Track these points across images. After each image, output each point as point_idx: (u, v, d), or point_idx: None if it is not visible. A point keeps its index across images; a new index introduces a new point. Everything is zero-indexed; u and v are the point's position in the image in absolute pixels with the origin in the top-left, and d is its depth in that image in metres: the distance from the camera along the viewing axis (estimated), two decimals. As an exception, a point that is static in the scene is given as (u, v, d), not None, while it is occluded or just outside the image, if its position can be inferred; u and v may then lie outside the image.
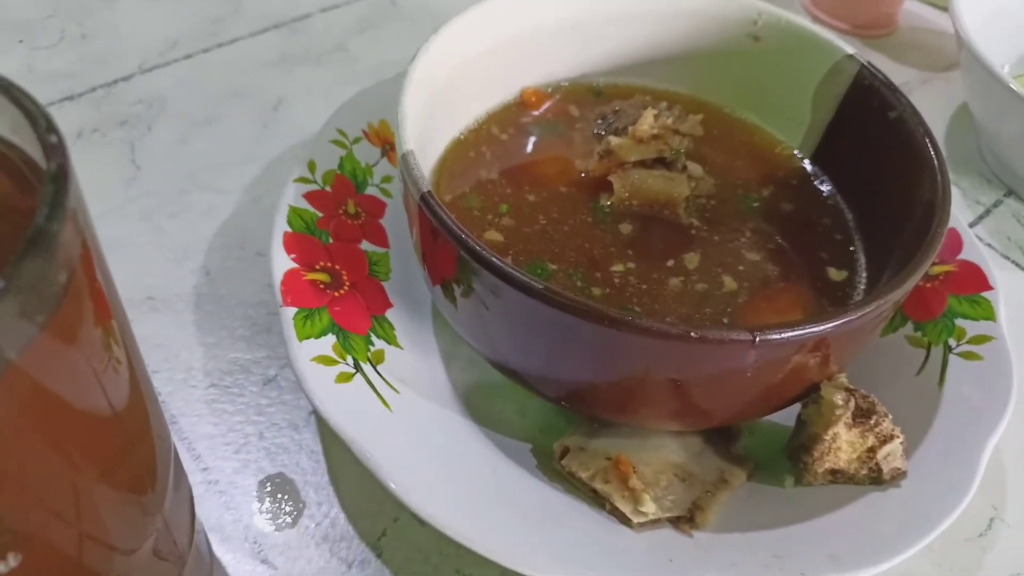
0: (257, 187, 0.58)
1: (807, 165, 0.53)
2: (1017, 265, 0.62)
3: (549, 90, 0.55)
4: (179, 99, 0.64)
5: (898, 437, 0.40)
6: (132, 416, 0.30)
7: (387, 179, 0.52)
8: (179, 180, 0.58)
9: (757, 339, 0.34)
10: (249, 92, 0.65)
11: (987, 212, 0.66)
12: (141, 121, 0.62)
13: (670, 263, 0.46)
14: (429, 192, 0.38)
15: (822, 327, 0.35)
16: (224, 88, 0.65)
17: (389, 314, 0.46)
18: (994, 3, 0.68)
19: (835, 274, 0.47)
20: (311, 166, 0.49)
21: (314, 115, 0.55)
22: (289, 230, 0.46)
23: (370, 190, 0.51)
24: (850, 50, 0.50)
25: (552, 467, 0.42)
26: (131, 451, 0.29)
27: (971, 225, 0.65)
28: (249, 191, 0.58)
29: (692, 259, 0.46)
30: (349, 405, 0.39)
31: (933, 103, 0.74)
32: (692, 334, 0.34)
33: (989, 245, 0.63)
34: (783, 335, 0.35)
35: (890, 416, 0.40)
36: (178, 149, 0.60)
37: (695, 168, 0.51)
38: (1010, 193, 0.68)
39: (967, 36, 0.62)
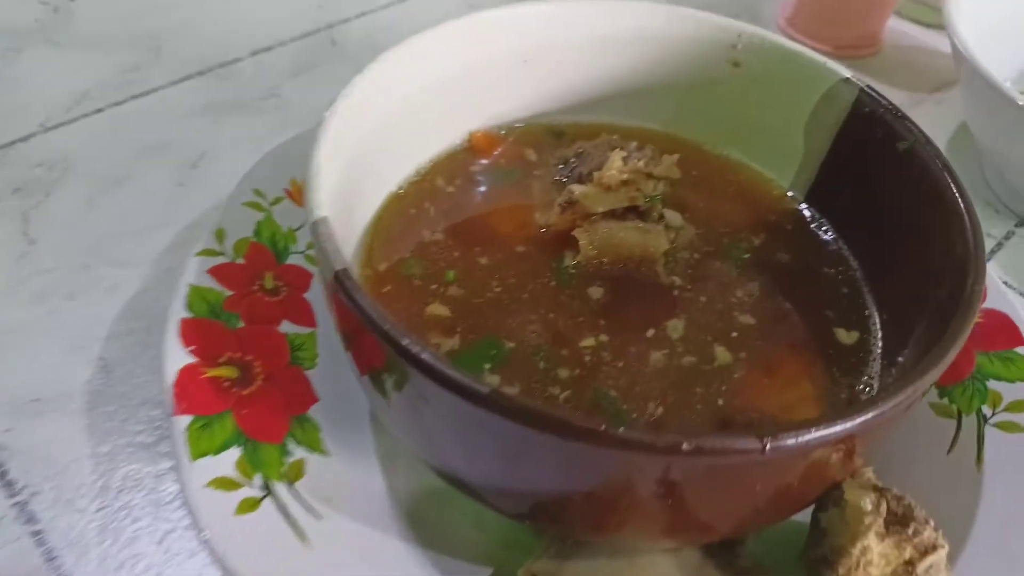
0: (168, 257, 0.50)
1: (803, 208, 0.46)
2: (1040, 305, 0.55)
3: (502, 132, 0.48)
4: (86, 159, 0.56)
5: (943, 546, 0.32)
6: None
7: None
8: (79, 254, 0.50)
9: (768, 446, 0.27)
10: (167, 147, 0.58)
11: (999, 245, 0.59)
12: (39, 186, 0.54)
13: (650, 333, 0.39)
14: (344, 271, 0.30)
15: (849, 424, 0.28)
16: (138, 144, 0.58)
17: (313, 411, 0.38)
18: (992, 16, 0.62)
19: (845, 336, 0.40)
20: (219, 235, 0.42)
21: (240, 170, 0.48)
22: (188, 316, 0.38)
23: (293, 259, 0.43)
24: (846, 73, 0.43)
25: (517, 601, 0.34)
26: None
27: (984, 262, 0.58)
28: (159, 263, 0.50)
29: (676, 327, 0.39)
30: (254, 543, 0.31)
31: (927, 127, 0.67)
32: (684, 446, 0.26)
33: (1005, 283, 0.56)
34: (801, 439, 0.27)
35: (931, 522, 0.32)
36: (81, 217, 0.52)
37: (673, 217, 0.43)
38: (1022, 222, 0.61)
39: (968, 51, 0.55)
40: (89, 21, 0.68)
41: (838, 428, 0.27)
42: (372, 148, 0.41)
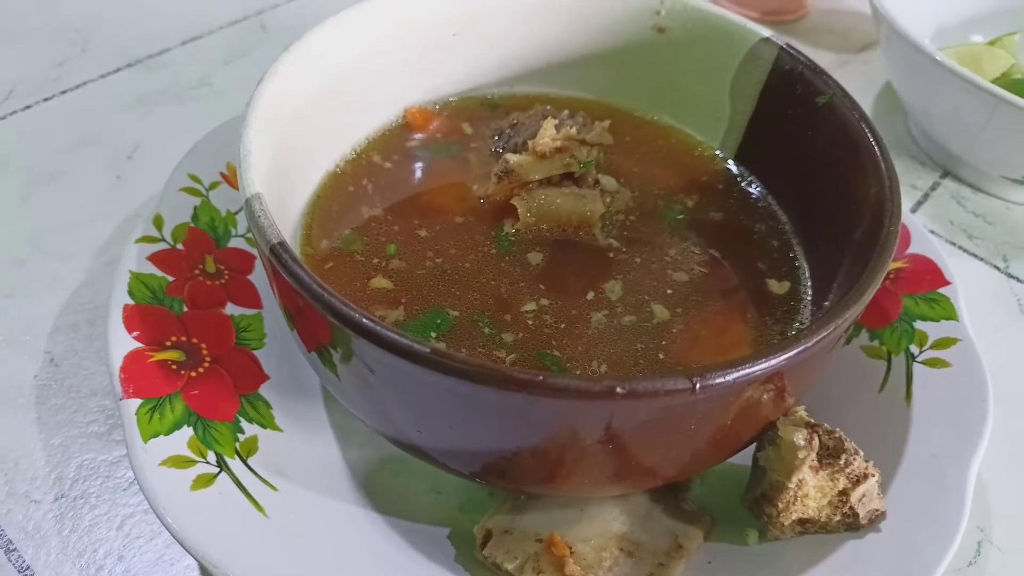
0: (110, 249, 0.49)
1: (732, 166, 0.47)
2: (964, 251, 0.57)
3: (436, 107, 0.48)
4: (17, 155, 0.56)
5: (873, 475, 0.34)
6: None
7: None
8: (17, 248, 0.50)
9: (698, 385, 0.28)
10: (100, 140, 0.57)
11: (925, 197, 0.62)
12: (-30, 185, 0.53)
13: (590, 295, 0.40)
14: (281, 243, 0.31)
15: (774, 361, 0.29)
16: (70, 138, 0.57)
17: (264, 389, 0.38)
18: (907, -25, 0.64)
19: (776, 286, 0.41)
20: (157, 221, 0.42)
21: (176, 160, 0.47)
22: (131, 303, 0.38)
23: (234, 242, 0.43)
24: (766, 33, 0.44)
25: (475, 557, 0.35)
26: None
27: (910, 212, 0.60)
28: (101, 254, 0.49)
29: (614, 288, 0.40)
30: (211, 517, 0.32)
31: (854, 86, 0.68)
32: (619, 389, 0.28)
33: (932, 232, 0.59)
34: (728, 377, 0.28)
35: (861, 453, 0.34)
36: (15, 213, 0.52)
37: (608, 181, 0.44)
38: (946, 174, 0.63)
39: (886, 12, 0.57)
40: (8, 15, 0.66)
41: (765, 365, 0.29)
42: (305, 126, 0.41)
